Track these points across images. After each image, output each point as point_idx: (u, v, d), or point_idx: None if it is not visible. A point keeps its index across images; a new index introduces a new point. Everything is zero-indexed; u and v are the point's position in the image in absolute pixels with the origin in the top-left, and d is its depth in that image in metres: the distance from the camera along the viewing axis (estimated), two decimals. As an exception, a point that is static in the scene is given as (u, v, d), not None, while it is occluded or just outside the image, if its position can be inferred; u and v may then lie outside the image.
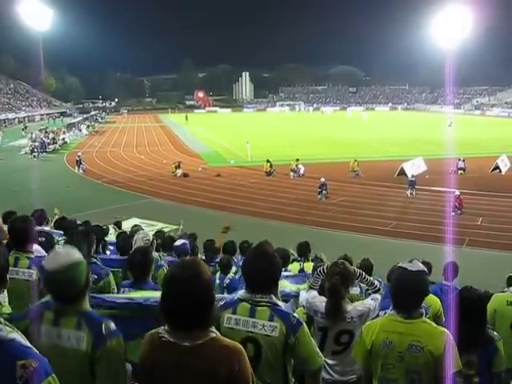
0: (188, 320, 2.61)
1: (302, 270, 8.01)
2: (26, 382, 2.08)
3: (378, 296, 4.77)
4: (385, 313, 3.96)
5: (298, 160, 33.75)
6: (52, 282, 3.00)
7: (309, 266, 7.92)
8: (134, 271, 5.42)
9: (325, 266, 4.87)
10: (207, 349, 2.60)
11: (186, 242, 8.74)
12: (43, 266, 3.05)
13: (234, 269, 8.43)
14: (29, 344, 2.24)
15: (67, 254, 3.09)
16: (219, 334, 2.72)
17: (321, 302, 4.57)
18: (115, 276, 6.17)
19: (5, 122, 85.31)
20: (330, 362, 4.54)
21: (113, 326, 3.03)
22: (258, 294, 3.43)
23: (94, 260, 5.44)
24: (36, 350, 2.24)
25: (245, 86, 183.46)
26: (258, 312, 3.39)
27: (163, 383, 2.68)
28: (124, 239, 8.47)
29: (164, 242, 9.68)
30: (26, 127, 64.72)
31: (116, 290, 5.39)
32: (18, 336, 2.22)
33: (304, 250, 8.76)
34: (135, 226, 13.55)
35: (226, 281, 8.18)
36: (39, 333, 2.94)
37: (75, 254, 3.09)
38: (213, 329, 2.69)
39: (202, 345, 2.59)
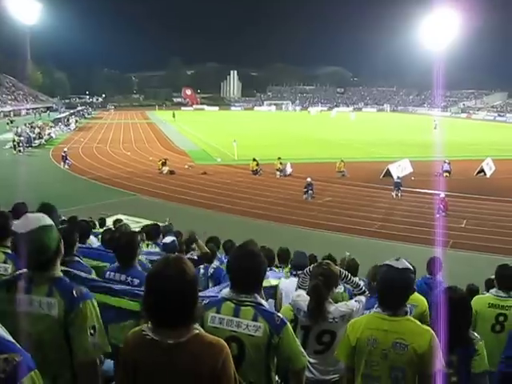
0: (172, 317, 2.59)
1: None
2: (8, 376, 2.07)
3: (362, 298, 4.77)
4: (369, 312, 3.96)
5: (279, 158, 33.85)
6: (22, 245, 2.98)
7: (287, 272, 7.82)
8: (119, 255, 5.38)
9: (311, 267, 4.88)
10: (191, 346, 2.59)
11: (175, 239, 8.70)
12: (14, 231, 3.04)
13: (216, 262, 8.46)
14: (11, 338, 2.22)
15: (37, 218, 3.08)
16: (203, 331, 2.71)
17: (304, 301, 4.57)
18: (102, 270, 6.14)
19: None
20: (312, 360, 4.54)
21: (84, 289, 3.03)
22: (243, 293, 3.42)
23: (77, 259, 5.38)
24: (19, 346, 2.21)
25: (233, 84, 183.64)
26: (242, 312, 3.38)
27: (147, 381, 2.66)
28: (110, 234, 8.45)
29: (149, 232, 9.53)
30: (12, 121, 64.18)
31: None
32: (1, 330, 2.20)
33: (284, 257, 8.68)
34: (117, 220, 13.47)
35: (210, 270, 8.21)
36: (12, 301, 2.94)
37: (45, 219, 3.08)
38: (196, 325, 2.68)
39: (186, 342, 2.59)
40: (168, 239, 8.45)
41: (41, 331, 2.88)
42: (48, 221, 3.10)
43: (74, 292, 2.96)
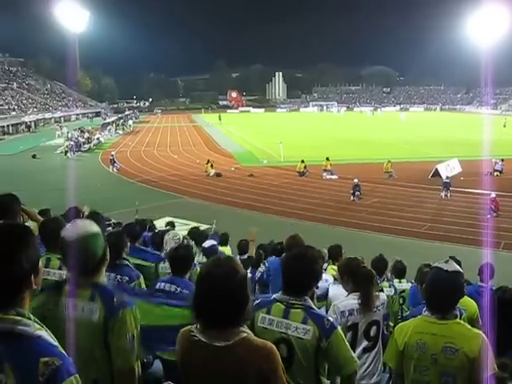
0: (221, 318, 2.59)
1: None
2: (47, 380, 2.06)
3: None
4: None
5: (328, 159, 33.67)
6: (69, 251, 3.05)
7: (330, 270, 7.74)
8: (175, 266, 5.45)
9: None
10: (238, 349, 2.57)
11: (215, 243, 8.70)
12: (62, 236, 3.11)
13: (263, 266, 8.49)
14: (55, 343, 2.23)
15: (85, 225, 3.15)
16: (251, 333, 2.69)
17: (345, 299, 4.65)
18: (148, 271, 6.24)
19: (42, 122, 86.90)
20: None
21: (125, 297, 3.08)
22: (293, 295, 3.43)
23: (126, 262, 5.48)
24: (62, 350, 2.23)
25: (278, 85, 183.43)
26: (291, 314, 3.38)
27: (194, 381, 2.69)
28: (156, 235, 8.61)
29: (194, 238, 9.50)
30: (61, 127, 65.72)
31: None
32: (45, 333, 2.21)
33: (335, 253, 8.62)
34: (169, 223, 13.60)
35: (258, 274, 8.26)
36: (57, 305, 3.02)
37: (92, 226, 3.15)
38: (244, 327, 2.66)
39: (233, 345, 2.57)
40: (207, 243, 8.42)
41: (82, 336, 2.92)
42: (95, 228, 3.15)
43: (115, 299, 3.01)
